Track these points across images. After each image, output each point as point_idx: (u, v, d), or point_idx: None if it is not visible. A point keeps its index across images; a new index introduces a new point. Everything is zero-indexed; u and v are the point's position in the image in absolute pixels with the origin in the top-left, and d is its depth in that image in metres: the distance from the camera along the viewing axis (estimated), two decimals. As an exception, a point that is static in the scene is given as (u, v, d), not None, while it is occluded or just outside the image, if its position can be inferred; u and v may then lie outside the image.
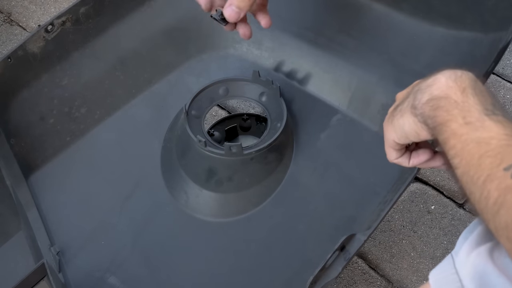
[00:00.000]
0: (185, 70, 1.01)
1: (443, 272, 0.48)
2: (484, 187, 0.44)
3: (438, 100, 0.51)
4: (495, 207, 0.42)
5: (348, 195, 0.84)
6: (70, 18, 0.90)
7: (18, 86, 0.90)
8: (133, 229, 0.87)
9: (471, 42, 0.80)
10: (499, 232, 0.43)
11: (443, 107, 0.50)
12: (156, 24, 0.99)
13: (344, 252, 0.66)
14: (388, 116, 0.60)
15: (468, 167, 0.46)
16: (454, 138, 0.48)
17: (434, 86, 0.52)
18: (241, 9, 0.72)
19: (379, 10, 0.91)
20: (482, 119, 0.47)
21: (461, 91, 0.50)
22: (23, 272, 0.77)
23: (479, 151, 0.45)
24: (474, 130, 0.47)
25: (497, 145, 0.45)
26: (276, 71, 0.98)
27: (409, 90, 0.58)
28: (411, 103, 0.54)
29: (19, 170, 0.88)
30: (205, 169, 0.85)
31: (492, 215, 0.43)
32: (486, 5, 0.78)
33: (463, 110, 0.49)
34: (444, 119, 0.50)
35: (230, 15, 0.73)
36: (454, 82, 0.51)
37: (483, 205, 0.44)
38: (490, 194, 0.43)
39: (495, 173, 0.43)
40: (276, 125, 0.87)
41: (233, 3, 0.72)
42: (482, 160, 0.45)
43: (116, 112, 0.98)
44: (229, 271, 0.82)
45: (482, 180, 0.44)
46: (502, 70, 1.32)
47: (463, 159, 0.47)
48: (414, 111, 0.54)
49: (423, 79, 0.56)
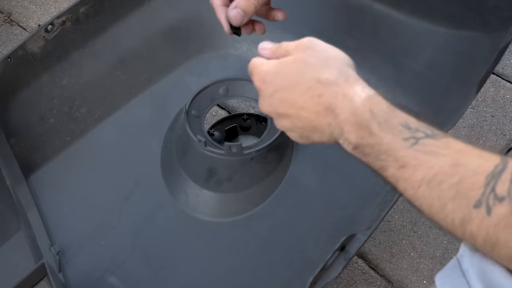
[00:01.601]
0: (185, 69, 1.01)
1: (450, 275, 0.47)
2: (464, 230, 0.42)
3: (360, 147, 0.50)
4: (488, 245, 0.41)
5: (348, 195, 0.84)
6: (70, 18, 0.90)
7: (18, 86, 0.90)
8: (133, 229, 0.87)
9: (471, 42, 0.80)
10: (503, 262, 0.42)
11: (369, 154, 0.49)
12: (156, 24, 0.99)
13: (344, 252, 0.66)
14: (301, 140, 0.58)
15: (433, 211, 0.45)
16: (401, 182, 0.47)
17: (346, 134, 0.50)
18: (246, 12, 0.72)
19: (380, 10, 0.91)
20: (413, 156, 0.45)
21: (368, 133, 0.48)
22: (23, 272, 0.77)
23: (435, 194, 0.44)
24: (414, 171, 0.45)
25: (451, 183, 0.43)
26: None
27: (284, 110, 0.55)
28: (333, 140, 0.53)
29: (19, 170, 0.88)
30: (205, 169, 0.85)
31: (486, 250, 0.42)
32: (487, 5, 0.78)
33: (388, 153, 0.47)
34: (379, 165, 0.48)
35: (235, 16, 0.72)
36: (355, 124, 0.49)
37: (472, 243, 0.43)
38: (474, 234, 0.42)
39: (468, 215, 0.42)
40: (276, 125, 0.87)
41: (238, 5, 0.71)
42: (444, 203, 0.43)
43: (116, 112, 0.98)
44: (229, 270, 0.82)
45: (459, 223, 0.43)
46: (502, 70, 1.32)
47: (423, 204, 0.45)
48: (345, 147, 0.52)
49: (290, 88, 0.54)
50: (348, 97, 0.50)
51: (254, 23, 0.77)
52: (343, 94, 0.50)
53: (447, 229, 0.44)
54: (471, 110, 1.24)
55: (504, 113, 1.24)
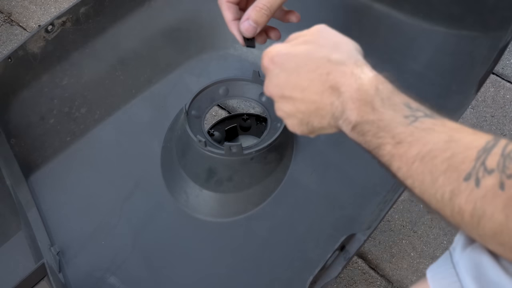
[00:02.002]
0: (185, 70, 1.01)
1: (441, 267, 0.48)
2: (453, 204, 0.43)
3: (359, 125, 0.50)
4: (474, 219, 0.42)
5: (348, 195, 0.84)
6: (70, 18, 0.90)
7: (19, 86, 0.90)
8: (133, 229, 0.87)
9: (471, 42, 0.80)
10: (487, 240, 0.43)
11: (368, 132, 0.50)
12: (156, 24, 0.99)
13: (344, 252, 0.66)
14: (301, 128, 0.58)
15: (424, 187, 0.45)
16: (396, 160, 0.47)
17: (347, 111, 0.51)
18: (258, 24, 0.72)
19: (380, 10, 0.91)
20: (410, 132, 0.47)
21: (371, 108, 0.49)
22: (23, 272, 0.77)
23: (427, 168, 0.45)
24: (409, 147, 0.46)
25: (444, 158, 0.44)
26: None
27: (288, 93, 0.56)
28: (333, 125, 0.54)
29: (19, 170, 0.88)
30: (205, 169, 0.85)
31: (472, 227, 0.43)
32: (486, 5, 0.78)
33: (386, 129, 0.48)
34: (376, 143, 0.49)
35: (247, 29, 0.72)
36: (358, 100, 0.50)
37: (459, 220, 0.43)
38: (462, 208, 0.43)
39: (458, 187, 0.43)
40: (276, 125, 0.87)
41: (250, 17, 0.71)
42: (436, 176, 0.44)
43: (116, 112, 0.98)
44: (229, 270, 0.82)
45: (448, 197, 0.43)
46: (502, 70, 1.32)
47: (415, 180, 0.46)
48: (343, 130, 0.53)
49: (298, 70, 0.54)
50: (355, 75, 0.51)
51: (268, 31, 0.77)
52: (351, 73, 0.52)
53: (436, 207, 0.45)
54: (471, 110, 1.24)
55: (504, 113, 1.24)
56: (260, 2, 0.70)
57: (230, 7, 0.74)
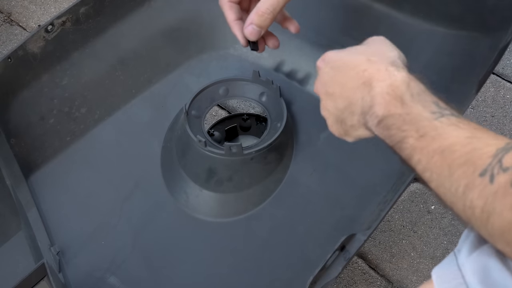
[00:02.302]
0: (185, 70, 1.01)
1: (446, 269, 0.48)
2: (466, 197, 0.44)
3: (385, 119, 0.52)
4: (484, 215, 0.42)
5: (348, 195, 0.84)
6: (70, 18, 0.90)
7: (18, 86, 0.90)
8: (133, 229, 0.87)
9: (471, 42, 0.80)
10: (495, 238, 0.43)
11: (393, 125, 0.51)
12: (156, 24, 0.99)
13: (344, 252, 0.66)
14: (337, 127, 0.61)
15: (441, 180, 0.46)
16: (416, 153, 0.48)
17: (376, 106, 0.52)
18: (262, 27, 0.73)
19: (380, 10, 0.91)
20: (435, 127, 0.48)
21: (400, 102, 0.51)
22: (23, 272, 0.77)
23: (446, 162, 0.45)
24: (432, 140, 0.47)
25: (463, 152, 0.45)
26: (276, 71, 0.98)
27: (332, 90, 0.58)
28: (362, 123, 0.56)
29: (19, 170, 0.88)
30: (205, 169, 0.85)
31: (482, 223, 0.43)
32: (486, 5, 0.78)
33: (412, 122, 0.49)
34: (399, 136, 0.50)
35: (251, 33, 0.73)
36: (388, 94, 0.51)
37: (470, 215, 0.44)
38: (474, 204, 0.43)
39: (472, 182, 0.43)
40: (276, 125, 0.87)
41: (253, 22, 0.72)
42: (453, 170, 0.45)
43: (116, 112, 0.98)
44: (229, 271, 0.82)
45: (462, 191, 0.44)
46: (502, 70, 1.32)
47: (433, 172, 0.47)
48: (369, 130, 0.56)
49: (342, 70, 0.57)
50: (389, 72, 0.53)
51: (266, 38, 0.79)
52: (386, 70, 0.53)
53: (450, 202, 0.46)
54: (471, 110, 1.24)
55: (504, 113, 1.24)
56: (262, 6, 0.71)
57: (232, 7, 0.74)
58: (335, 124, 0.61)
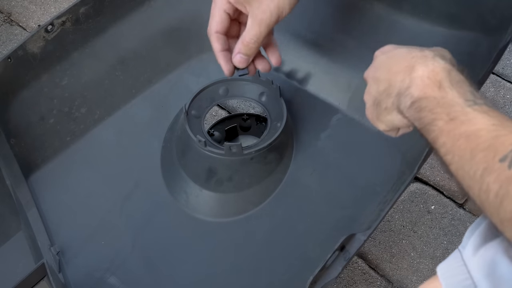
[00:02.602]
0: (185, 70, 1.01)
1: (451, 265, 0.48)
2: (483, 181, 0.44)
3: (419, 101, 0.53)
4: (497, 200, 0.43)
5: (348, 194, 0.84)
6: (70, 18, 0.90)
7: (18, 86, 0.90)
8: (133, 229, 0.87)
9: (471, 42, 0.80)
10: (505, 224, 0.43)
11: (425, 107, 0.52)
12: (156, 24, 0.99)
13: (344, 252, 0.66)
14: (371, 109, 0.63)
15: (461, 162, 0.47)
16: (443, 136, 0.49)
17: (413, 87, 0.54)
18: (249, 55, 0.76)
19: (380, 10, 0.91)
20: (465, 112, 0.48)
21: (438, 87, 0.52)
22: (23, 272, 0.77)
23: (470, 145, 0.46)
24: (460, 124, 0.48)
25: (487, 137, 0.45)
26: (276, 71, 0.98)
27: (377, 74, 0.60)
28: (395, 105, 0.57)
29: (19, 170, 0.88)
30: (205, 169, 0.85)
31: (495, 208, 0.43)
32: (486, 5, 0.78)
33: (445, 106, 0.50)
34: (430, 118, 0.51)
35: (240, 62, 0.76)
36: (429, 78, 0.53)
37: (484, 199, 0.44)
38: (489, 187, 0.44)
39: (491, 166, 0.44)
40: (276, 125, 0.87)
41: (240, 51, 0.75)
42: (475, 153, 0.45)
43: (116, 112, 0.98)
44: (229, 270, 0.82)
45: (480, 174, 0.45)
46: (502, 70, 1.32)
47: (455, 155, 0.48)
48: (401, 112, 0.56)
49: (393, 58, 0.59)
50: (434, 60, 0.54)
51: (256, 61, 0.81)
52: (432, 58, 0.54)
53: (467, 185, 0.46)
54: (471, 110, 1.24)
55: (504, 113, 1.24)
56: (247, 36, 0.74)
57: (218, 37, 0.77)
58: (371, 107, 0.62)
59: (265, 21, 0.72)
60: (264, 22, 0.72)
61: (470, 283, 0.45)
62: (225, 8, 0.75)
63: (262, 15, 0.72)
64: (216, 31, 0.77)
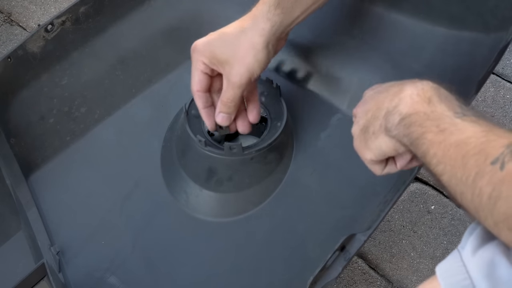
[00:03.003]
0: (185, 69, 1.01)
1: (450, 265, 0.48)
2: (475, 185, 0.44)
3: (409, 117, 0.53)
4: (491, 202, 0.43)
5: (348, 195, 0.84)
6: (70, 17, 0.90)
7: (18, 85, 0.90)
8: (133, 229, 0.87)
9: (472, 42, 0.80)
10: (499, 226, 0.43)
11: (415, 122, 0.52)
12: (156, 24, 0.99)
13: (344, 252, 0.66)
14: (358, 138, 0.63)
15: (453, 171, 0.47)
16: (433, 147, 0.49)
17: (401, 105, 0.54)
18: (230, 113, 0.79)
19: (380, 10, 0.91)
20: (455, 123, 0.49)
21: (427, 102, 0.52)
22: (23, 272, 0.77)
23: (461, 153, 0.46)
24: (450, 135, 0.48)
25: (477, 143, 0.46)
26: (276, 71, 0.98)
27: (366, 106, 0.61)
28: (383, 126, 0.57)
29: (19, 170, 0.88)
30: (205, 169, 0.85)
31: (489, 210, 0.44)
32: (487, 6, 0.78)
33: (434, 119, 0.51)
34: (419, 132, 0.51)
35: (221, 120, 0.79)
36: (418, 96, 0.53)
37: (477, 203, 0.45)
38: (482, 191, 0.44)
39: (483, 169, 0.44)
40: (276, 125, 0.86)
41: (221, 111, 0.78)
42: (466, 160, 0.46)
43: (116, 112, 0.98)
44: (229, 270, 0.82)
45: (472, 179, 0.45)
46: (502, 70, 1.32)
47: (447, 164, 0.48)
48: (388, 133, 0.56)
49: (381, 91, 0.60)
50: (423, 82, 0.55)
51: (237, 120, 0.84)
52: (421, 81, 0.55)
53: (459, 193, 0.47)
54: (471, 110, 1.24)
55: (504, 113, 1.24)
56: (224, 97, 0.77)
57: (200, 96, 0.79)
58: (358, 137, 0.62)
59: (237, 84, 0.75)
60: (236, 85, 0.75)
61: (468, 283, 0.45)
62: (201, 69, 0.77)
63: (234, 78, 0.74)
64: (197, 90, 0.79)
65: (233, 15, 0.94)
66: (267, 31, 0.73)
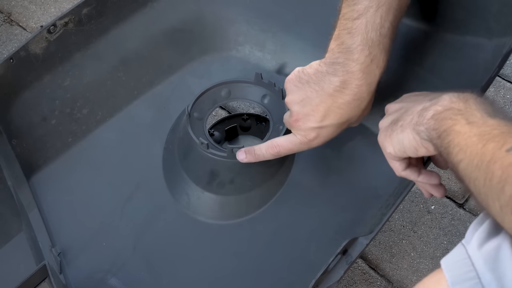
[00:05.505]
0: (187, 71, 1.01)
1: (455, 258, 0.48)
2: (488, 170, 0.46)
3: (443, 112, 0.54)
4: (500, 185, 0.44)
5: (350, 198, 0.85)
6: (72, 19, 0.90)
7: (20, 87, 0.90)
8: (135, 231, 0.87)
9: (475, 47, 0.80)
10: (504, 210, 0.44)
11: (447, 116, 0.53)
12: (158, 26, 0.99)
13: (346, 255, 0.67)
14: (385, 130, 0.64)
15: (472, 157, 0.48)
16: (458, 137, 0.51)
17: (439, 103, 0.55)
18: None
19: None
20: (484, 119, 0.50)
21: (463, 102, 0.54)
22: (24, 273, 0.77)
23: (481, 141, 0.48)
24: (476, 127, 0.50)
25: (499, 132, 0.47)
26: (278, 73, 0.98)
27: (402, 104, 0.64)
28: (414, 121, 0.58)
29: (20, 171, 0.88)
30: (207, 171, 0.85)
31: (496, 194, 0.44)
32: (490, 11, 0.78)
33: (466, 114, 0.52)
34: (448, 124, 0.53)
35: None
36: (457, 97, 0.54)
37: (488, 188, 0.46)
38: (494, 175, 0.45)
39: (497, 155, 0.45)
40: (278, 128, 0.87)
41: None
42: (485, 147, 0.47)
43: (118, 113, 0.98)
44: (231, 273, 0.82)
45: (486, 164, 0.46)
46: (502, 70, 1.33)
47: (467, 151, 0.49)
48: (417, 127, 0.57)
49: (420, 94, 0.62)
50: (464, 92, 0.56)
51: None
52: (462, 91, 0.56)
53: (473, 179, 0.48)
54: (472, 111, 1.24)
55: (504, 114, 1.24)
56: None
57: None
58: (385, 130, 0.64)
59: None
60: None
61: (474, 275, 0.46)
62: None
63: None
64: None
65: (236, 17, 0.95)
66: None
